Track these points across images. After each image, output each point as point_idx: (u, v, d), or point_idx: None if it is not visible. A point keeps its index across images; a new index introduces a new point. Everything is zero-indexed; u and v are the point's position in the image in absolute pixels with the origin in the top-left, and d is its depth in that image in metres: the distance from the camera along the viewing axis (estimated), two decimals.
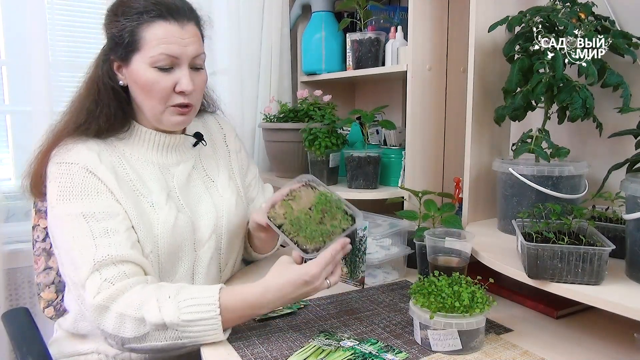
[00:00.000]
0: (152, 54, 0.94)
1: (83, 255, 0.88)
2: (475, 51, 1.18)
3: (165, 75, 0.96)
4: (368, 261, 1.17)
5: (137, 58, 0.96)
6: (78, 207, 0.92)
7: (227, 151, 1.21)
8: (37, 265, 1.18)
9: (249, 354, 0.85)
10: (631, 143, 1.04)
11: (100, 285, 0.86)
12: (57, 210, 0.93)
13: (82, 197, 0.92)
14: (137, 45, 0.95)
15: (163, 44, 0.94)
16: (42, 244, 1.18)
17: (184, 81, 0.97)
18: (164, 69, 0.96)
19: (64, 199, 0.92)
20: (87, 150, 0.96)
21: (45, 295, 1.19)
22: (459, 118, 1.47)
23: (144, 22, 0.94)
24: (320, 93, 1.72)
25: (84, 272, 0.87)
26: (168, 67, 0.96)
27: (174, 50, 0.95)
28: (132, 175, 1.00)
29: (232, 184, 1.16)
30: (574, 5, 1.07)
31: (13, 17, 1.56)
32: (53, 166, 0.96)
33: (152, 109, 1.00)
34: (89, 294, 0.86)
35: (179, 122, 1.02)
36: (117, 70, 1.00)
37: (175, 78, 0.97)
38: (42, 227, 1.18)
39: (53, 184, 0.94)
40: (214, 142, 1.20)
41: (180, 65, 0.97)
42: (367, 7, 1.65)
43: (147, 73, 0.95)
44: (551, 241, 0.84)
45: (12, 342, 1.01)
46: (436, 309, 0.83)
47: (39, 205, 1.18)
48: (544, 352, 0.85)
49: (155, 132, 1.05)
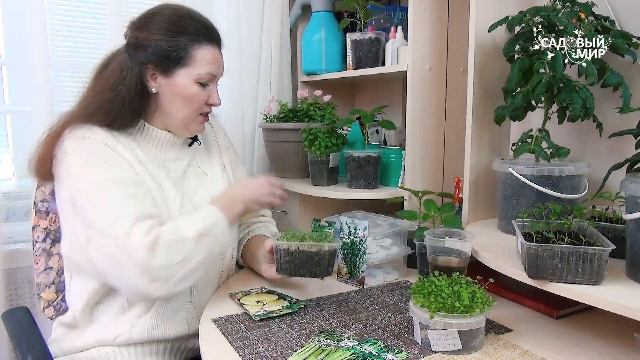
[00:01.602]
0: (200, 72, 1.07)
1: (123, 210, 0.94)
2: (475, 51, 1.18)
3: (203, 90, 1.09)
4: (368, 261, 1.18)
5: (182, 72, 1.06)
6: (106, 173, 0.97)
7: (218, 147, 1.29)
8: (37, 265, 1.18)
9: (249, 354, 0.85)
10: (631, 143, 1.04)
11: (148, 228, 0.93)
12: (84, 176, 0.97)
13: (107, 165, 0.98)
14: (186, 62, 1.06)
15: (210, 65, 1.08)
16: (42, 244, 1.18)
17: (215, 96, 1.13)
18: (204, 85, 1.09)
19: (89, 166, 0.97)
20: (102, 132, 1.02)
21: (46, 296, 1.19)
22: (459, 118, 1.47)
23: (197, 43, 1.06)
24: (320, 93, 1.72)
25: (127, 223, 0.92)
26: (207, 83, 1.10)
27: (215, 71, 1.10)
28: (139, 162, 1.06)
29: (225, 176, 1.24)
30: (574, 5, 1.07)
31: (13, 17, 1.56)
32: (70, 141, 1.00)
33: (186, 116, 1.10)
34: (138, 236, 0.91)
35: (202, 129, 1.16)
36: (150, 77, 1.07)
37: (209, 92, 1.11)
38: (42, 227, 1.18)
39: (74, 156, 0.98)
40: (206, 140, 1.28)
41: (213, 83, 1.12)
42: (367, 7, 1.64)
43: (192, 87, 1.07)
44: (551, 241, 0.84)
45: (12, 341, 1.01)
46: (436, 309, 0.83)
47: (39, 206, 1.18)
48: (544, 352, 0.85)
49: (163, 132, 1.12)
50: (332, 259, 1.04)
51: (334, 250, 1.04)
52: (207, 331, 0.95)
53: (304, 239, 1.03)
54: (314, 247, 1.01)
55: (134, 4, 1.69)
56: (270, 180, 1.15)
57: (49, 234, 1.19)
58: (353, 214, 1.33)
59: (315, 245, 1.01)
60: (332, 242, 1.05)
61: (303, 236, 1.04)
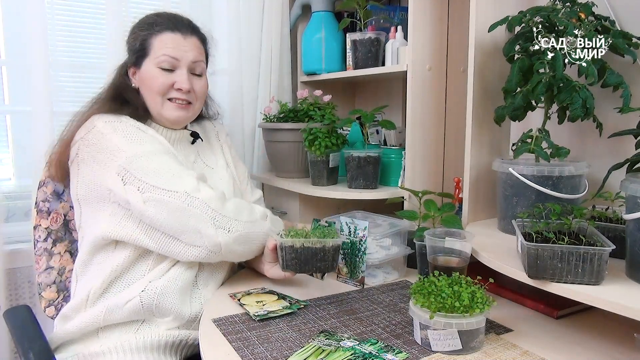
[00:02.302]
0: (157, 55, 1.13)
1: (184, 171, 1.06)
2: (475, 51, 1.18)
3: (166, 74, 1.14)
4: (368, 261, 1.18)
5: (147, 62, 1.14)
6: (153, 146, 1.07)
7: (219, 145, 1.35)
8: (38, 265, 1.18)
9: (249, 354, 0.85)
10: (631, 143, 1.04)
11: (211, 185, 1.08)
12: (133, 149, 1.04)
13: (149, 141, 1.08)
14: (147, 51, 1.14)
15: (167, 48, 1.13)
16: (43, 244, 1.18)
17: (181, 79, 1.14)
18: (166, 69, 1.13)
19: (133, 141, 1.06)
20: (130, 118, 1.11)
21: (47, 295, 1.19)
22: (459, 118, 1.47)
23: (154, 32, 1.14)
24: (320, 93, 1.71)
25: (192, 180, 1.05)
26: (169, 67, 1.14)
27: (174, 53, 1.13)
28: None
29: (229, 170, 1.31)
30: (574, 5, 1.07)
31: (13, 17, 1.56)
32: (103, 124, 1.07)
33: (154, 103, 1.15)
34: (206, 190, 1.05)
35: (179, 116, 1.17)
36: (132, 75, 1.18)
37: (175, 77, 1.14)
38: (43, 227, 1.18)
39: (113, 134, 1.06)
40: (208, 138, 1.34)
41: (180, 67, 1.15)
42: (367, 7, 1.64)
43: (152, 72, 1.13)
44: (551, 241, 0.84)
45: (13, 339, 1.01)
46: (436, 309, 0.83)
47: (41, 206, 1.19)
48: (544, 352, 0.85)
49: (163, 128, 1.19)
50: (336, 254, 1.07)
51: (338, 246, 1.06)
52: (207, 331, 0.95)
53: (308, 235, 1.06)
54: (319, 244, 1.04)
55: (134, 4, 1.69)
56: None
57: (50, 234, 1.19)
58: (353, 214, 1.33)
59: (319, 242, 1.04)
60: (335, 237, 1.07)
61: (307, 233, 1.07)
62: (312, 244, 1.04)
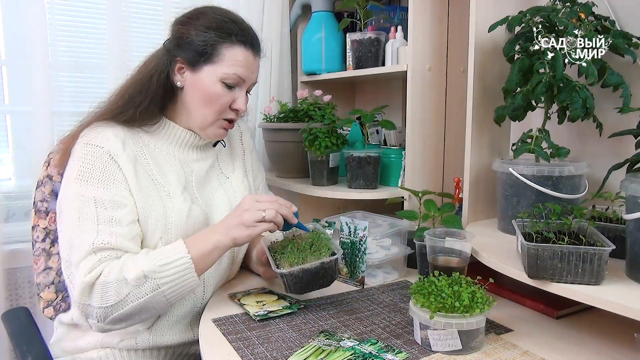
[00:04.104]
0: (226, 71, 1.04)
1: (84, 237, 0.93)
2: (475, 51, 1.18)
3: (228, 92, 1.06)
4: (368, 261, 1.18)
5: (208, 69, 1.04)
6: (92, 191, 0.96)
7: (242, 149, 1.27)
8: (36, 265, 1.18)
9: (249, 354, 0.85)
10: (631, 143, 1.04)
11: (93, 265, 0.91)
12: (72, 188, 0.97)
13: (98, 182, 0.97)
14: (214, 59, 1.03)
15: (239, 66, 1.05)
16: (42, 244, 1.18)
17: (241, 101, 1.08)
18: (229, 87, 1.06)
19: (81, 180, 0.97)
20: (113, 137, 1.01)
21: (45, 296, 1.18)
22: (459, 118, 1.47)
23: (228, 42, 1.04)
24: (320, 93, 1.72)
25: (81, 253, 0.92)
26: (233, 85, 1.06)
27: (244, 74, 1.06)
28: (152, 166, 1.05)
29: (245, 181, 1.23)
30: (574, 5, 1.07)
31: (13, 17, 1.56)
32: (79, 145, 1.01)
33: (204, 117, 1.07)
34: (81, 272, 0.91)
35: (221, 135, 1.12)
36: (177, 71, 1.06)
37: (234, 96, 1.07)
38: (41, 227, 1.18)
39: (76, 162, 0.99)
40: (231, 141, 1.26)
41: (241, 87, 1.08)
42: (367, 7, 1.64)
43: (215, 86, 1.04)
44: (551, 241, 0.84)
45: (12, 342, 1.01)
46: (436, 309, 0.83)
47: (39, 206, 1.18)
48: (544, 352, 0.85)
49: (185, 130, 1.10)
50: (336, 265, 1.04)
51: (336, 259, 1.03)
52: (207, 331, 0.95)
53: (305, 257, 1.01)
54: (317, 263, 1.00)
55: (134, 4, 1.69)
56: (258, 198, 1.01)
57: (49, 234, 1.18)
58: (353, 214, 1.33)
59: (317, 261, 1.00)
60: (331, 247, 1.05)
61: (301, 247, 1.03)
62: (310, 265, 1.00)
